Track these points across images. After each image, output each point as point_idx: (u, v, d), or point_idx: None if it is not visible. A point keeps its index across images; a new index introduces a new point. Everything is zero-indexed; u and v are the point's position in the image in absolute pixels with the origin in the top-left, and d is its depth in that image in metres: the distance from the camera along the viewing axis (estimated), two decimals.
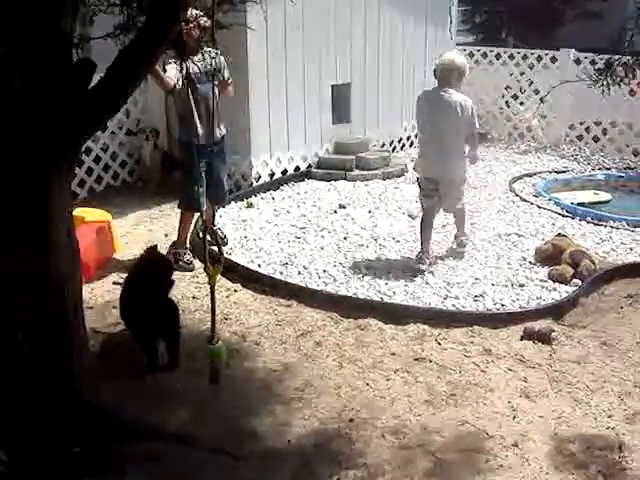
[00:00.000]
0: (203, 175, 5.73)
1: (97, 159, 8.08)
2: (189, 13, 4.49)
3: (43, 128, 3.27)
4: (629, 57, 3.63)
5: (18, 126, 3.21)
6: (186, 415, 3.93)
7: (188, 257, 5.89)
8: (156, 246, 4.61)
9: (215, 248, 3.55)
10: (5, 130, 3.20)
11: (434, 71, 5.85)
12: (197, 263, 5.87)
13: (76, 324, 3.67)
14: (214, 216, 5.95)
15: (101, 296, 5.35)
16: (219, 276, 4.07)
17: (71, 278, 3.61)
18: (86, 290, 5.09)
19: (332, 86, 8.94)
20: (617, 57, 3.66)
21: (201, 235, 3.55)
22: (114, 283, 5.58)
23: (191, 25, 5.01)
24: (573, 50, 10.29)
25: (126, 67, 3.44)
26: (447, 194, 5.94)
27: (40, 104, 3.23)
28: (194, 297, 5.33)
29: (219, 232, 6.20)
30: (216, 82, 5.36)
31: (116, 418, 3.77)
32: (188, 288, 5.47)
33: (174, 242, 6.03)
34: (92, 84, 3.41)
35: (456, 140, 5.80)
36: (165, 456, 3.56)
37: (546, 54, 10.70)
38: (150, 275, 4.38)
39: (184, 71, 5.11)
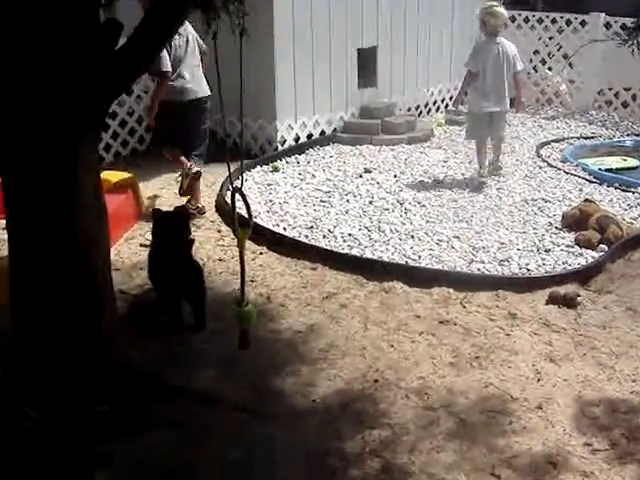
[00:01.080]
0: None
1: (123, 123, 8.09)
2: None
3: (71, 89, 3.28)
4: None
5: (47, 87, 3.24)
6: (211, 375, 3.97)
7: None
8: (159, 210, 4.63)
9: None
10: (35, 91, 3.23)
11: (483, 22, 7.19)
12: (224, 226, 5.92)
13: (104, 284, 3.71)
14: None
15: (128, 258, 5.40)
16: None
17: (99, 239, 3.64)
18: (113, 252, 5.13)
19: (358, 49, 8.87)
20: None
21: (229, 199, 3.55)
22: (141, 245, 5.62)
23: None
24: (603, 14, 10.10)
25: (152, 28, 3.44)
26: (498, 124, 7.23)
27: (68, 64, 3.25)
28: (220, 259, 5.35)
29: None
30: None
31: (142, 377, 3.83)
32: (214, 250, 5.51)
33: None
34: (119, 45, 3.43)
35: (508, 80, 7.11)
36: (190, 414, 3.61)
37: (575, 18, 10.51)
38: (168, 234, 4.40)
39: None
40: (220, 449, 3.37)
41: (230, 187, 3.45)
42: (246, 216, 3.58)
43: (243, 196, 3.39)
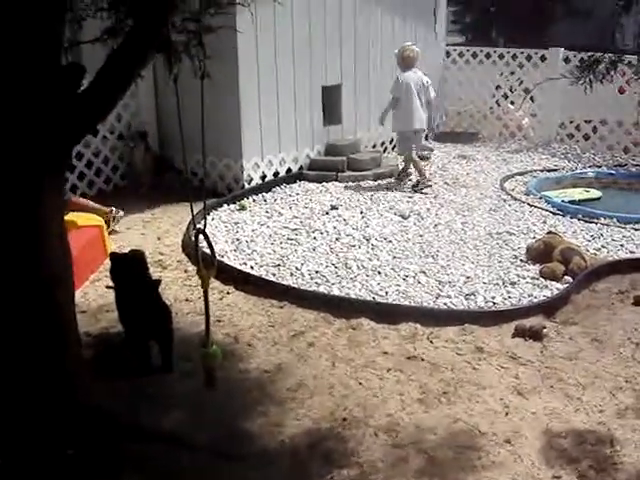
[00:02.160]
0: None
1: (89, 164, 8.09)
2: None
3: (33, 132, 3.28)
4: (611, 55, 3.66)
5: (8, 130, 3.23)
6: (181, 416, 3.94)
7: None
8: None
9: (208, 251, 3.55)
10: None
11: (402, 58, 8.58)
12: (190, 266, 5.91)
13: (69, 324, 3.68)
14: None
15: (94, 300, 5.36)
16: (212, 279, 4.11)
17: (63, 281, 3.61)
18: (79, 294, 5.11)
19: (323, 87, 8.98)
20: (599, 55, 3.69)
21: (193, 238, 3.55)
22: (107, 287, 5.56)
23: None
24: (562, 49, 10.34)
25: (115, 71, 3.45)
26: (421, 140, 8.98)
27: (30, 108, 3.24)
28: (187, 299, 5.34)
29: None
30: None
31: (111, 419, 3.78)
32: (181, 291, 5.49)
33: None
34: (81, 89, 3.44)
35: (424, 103, 8.56)
36: (160, 457, 3.58)
37: (535, 53, 10.76)
38: (130, 276, 4.38)
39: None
40: None
41: (194, 228, 3.45)
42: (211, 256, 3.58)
43: (206, 237, 3.40)
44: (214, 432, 3.77)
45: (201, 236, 3.43)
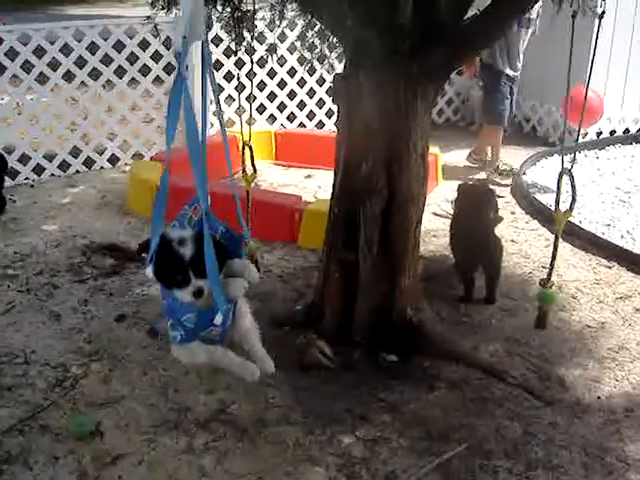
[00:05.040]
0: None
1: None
2: None
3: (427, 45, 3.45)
4: None
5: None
6: (498, 349, 4.03)
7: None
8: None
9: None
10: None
11: None
12: (518, 209, 5.93)
13: (413, 243, 3.90)
14: None
15: (422, 224, 5.57)
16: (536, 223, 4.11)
17: (416, 199, 3.83)
18: None
19: None
20: None
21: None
22: (434, 214, 5.79)
23: None
24: None
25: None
26: None
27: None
28: (512, 240, 5.38)
29: None
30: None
31: (431, 338, 3.99)
32: (507, 231, 5.53)
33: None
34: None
35: None
36: (473, 382, 3.72)
37: None
38: (475, 208, 4.49)
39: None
40: (499, 420, 3.45)
41: (562, 169, 3.41)
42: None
43: (572, 179, 3.38)
44: (528, 372, 3.83)
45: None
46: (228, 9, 3.21)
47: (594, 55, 3.18)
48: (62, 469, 3.11)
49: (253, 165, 3.72)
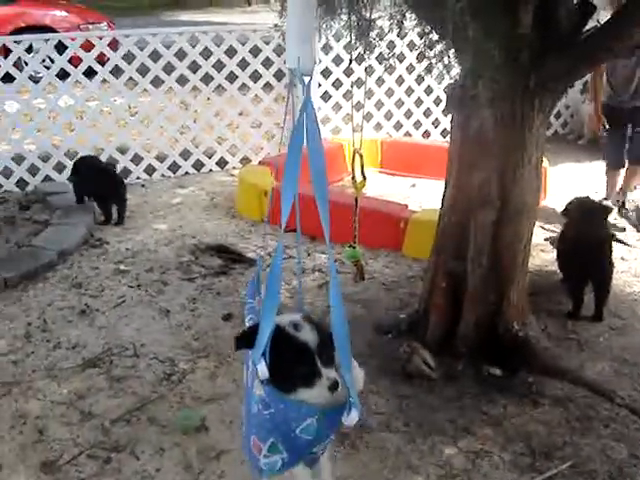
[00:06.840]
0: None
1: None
2: None
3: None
4: None
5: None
6: (605, 368, 3.92)
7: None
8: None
9: None
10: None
11: None
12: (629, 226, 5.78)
13: (523, 256, 3.85)
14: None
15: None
16: None
17: (529, 211, 3.77)
18: None
19: None
20: None
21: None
22: (541, 227, 5.68)
23: None
24: None
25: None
26: None
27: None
28: (622, 258, 5.23)
29: None
30: None
31: (536, 352, 3.92)
32: (617, 248, 5.37)
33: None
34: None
35: None
36: (579, 400, 3.63)
37: None
38: (589, 223, 4.40)
39: None
40: (605, 441, 3.36)
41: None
42: None
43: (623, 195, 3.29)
44: (635, 392, 3.72)
45: None
46: (353, 17, 3.25)
47: None
48: (168, 461, 3.21)
49: (363, 173, 3.72)
